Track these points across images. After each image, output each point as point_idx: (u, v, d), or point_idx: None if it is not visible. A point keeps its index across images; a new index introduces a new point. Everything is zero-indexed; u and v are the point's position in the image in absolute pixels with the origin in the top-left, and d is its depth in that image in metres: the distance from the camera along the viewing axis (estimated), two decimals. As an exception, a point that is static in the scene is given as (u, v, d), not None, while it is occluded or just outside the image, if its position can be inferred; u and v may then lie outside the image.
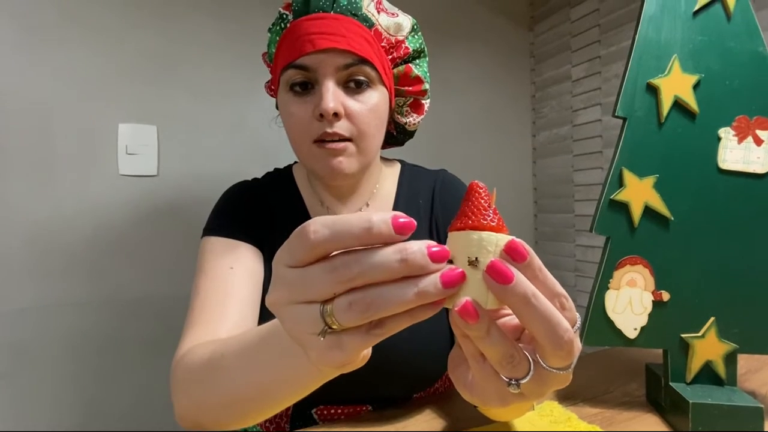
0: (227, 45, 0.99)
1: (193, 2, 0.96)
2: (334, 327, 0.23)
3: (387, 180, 0.62)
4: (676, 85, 0.51)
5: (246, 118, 1.01)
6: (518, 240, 0.24)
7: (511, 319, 0.29)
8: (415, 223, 0.22)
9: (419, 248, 0.22)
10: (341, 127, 0.49)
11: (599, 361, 0.72)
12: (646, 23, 0.53)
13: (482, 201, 0.25)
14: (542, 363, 0.25)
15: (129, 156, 0.89)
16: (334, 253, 0.23)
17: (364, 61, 0.49)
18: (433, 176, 0.64)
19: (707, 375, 0.51)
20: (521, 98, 1.45)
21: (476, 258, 0.23)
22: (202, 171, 0.97)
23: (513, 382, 0.25)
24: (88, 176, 0.87)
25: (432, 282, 0.22)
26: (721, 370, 0.51)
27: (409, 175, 0.64)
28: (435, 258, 0.22)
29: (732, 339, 0.51)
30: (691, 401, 0.47)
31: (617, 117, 0.53)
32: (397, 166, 0.66)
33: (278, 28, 0.53)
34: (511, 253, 0.23)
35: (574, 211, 1.31)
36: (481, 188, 0.25)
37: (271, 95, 0.61)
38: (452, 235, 0.25)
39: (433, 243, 0.22)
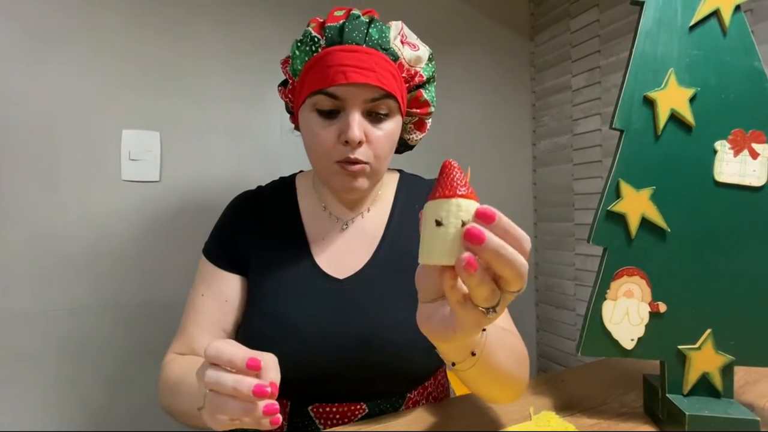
0: (230, 52, 1.00)
1: (197, 10, 0.97)
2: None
3: (387, 187, 0.67)
4: (673, 98, 0.52)
5: (248, 125, 1.02)
6: (486, 206, 0.29)
7: None
8: (260, 364, 0.35)
9: (248, 383, 0.34)
10: (362, 152, 0.54)
11: (597, 371, 0.72)
12: (643, 37, 0.53)
13: (455, 175, 0.30)
14: (505, 289, 0.31)
15: (132, 162, 0.90)
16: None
17: (389, 95, 0.54)
18: (430, 184, 0.70)
19: (704, 387, 0.52)
20: (522, 107, 1.46)
21: (451, 220, 0.29)
22: (205, 177, 0.97)
23: (490, 310, 0.31)
24: (90, 181, 0.87)
25: (252, 408, 0.34)
26: (717, 382, 0.51)
27: (407, 182, 0.69)
28: (257, 393, 0.34)
29: (729, 351, 0.51)
30: (687, 413, 0.47)
31: (614, 129, 0.54)
32: (396, 175, 0.70)
33: (308, 48, 0.55)
34: (481, 217, 0.29)
35: (574, 220, 1.32)
36: (455, 165, 0.30)
37: (284, 99, 0.63)
38: (429, 204, 0.31)
39: (263, 383, 0.34)
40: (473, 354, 0.40)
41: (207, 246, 0.63)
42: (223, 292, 0.60)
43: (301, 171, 0.71)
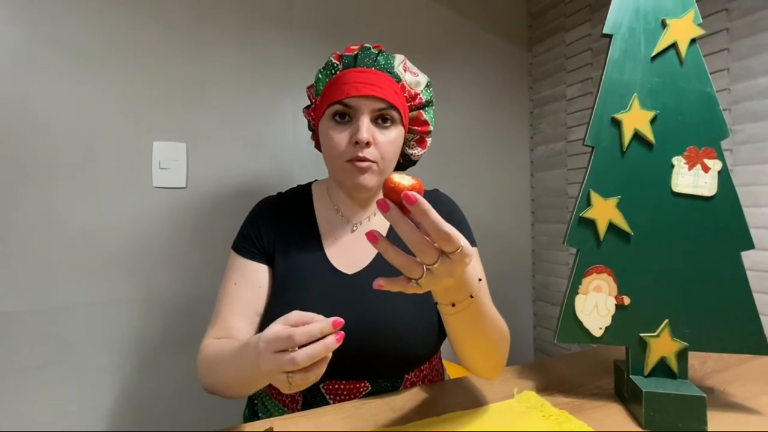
0: (249, 72, 1.10)
1: (219, 34, 1.07)
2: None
3: None
4: (636, 119, 0.60)
5: (264, 136, 1.12)
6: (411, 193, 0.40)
7: None
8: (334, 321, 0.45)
9: (328, 320, 0.45)
10: (369, 152, 0.64)
11: (579, 360, 0.80)
12: (611, 65, 0.61)
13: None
14: (445, 252, 0.41)
15: (162, 170, 1.00)
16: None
17: (392, 106, 0.65)
18: (428, 196, 0.78)
19: (662, 369, 0.59)
20: (520, 114, 1.53)
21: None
22: (226, 184, 1.07)
23: (429, 267, 0.41)
24: (126, 188, 0.97)
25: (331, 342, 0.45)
26: (673, 364, 0.59)
27: None
28: (335, 325, 0.44)
29: (683, 338, 0.59)
30: (644, 390, 0.55)
31: (586, 146, 0.62)
32: None
33: (329, 72, 0.69)
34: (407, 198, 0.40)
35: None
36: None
37: (308, 119, 0.76)
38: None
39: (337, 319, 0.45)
40: (471, 296, 0.48)
41: (236, 243, 0.72)
42: (254, 279, 0.68)
43: (315, 180, 0.80)
